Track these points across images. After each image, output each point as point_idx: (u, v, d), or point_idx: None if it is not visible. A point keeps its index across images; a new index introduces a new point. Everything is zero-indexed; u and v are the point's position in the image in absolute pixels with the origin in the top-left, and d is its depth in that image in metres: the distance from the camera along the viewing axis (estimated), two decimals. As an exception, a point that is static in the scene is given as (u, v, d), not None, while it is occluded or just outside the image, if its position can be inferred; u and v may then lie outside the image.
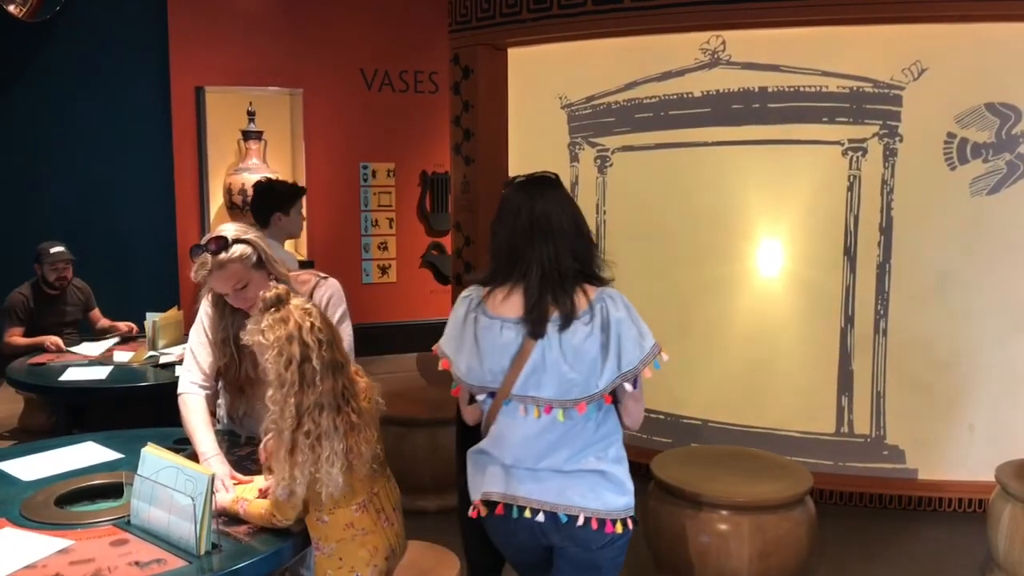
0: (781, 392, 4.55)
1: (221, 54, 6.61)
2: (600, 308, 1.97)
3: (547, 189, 2.09)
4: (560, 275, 1.99)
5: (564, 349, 1.95)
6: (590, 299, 1.98)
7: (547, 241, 2.00)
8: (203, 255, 2.29)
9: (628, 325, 1.96)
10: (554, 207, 2.04)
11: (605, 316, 1.96)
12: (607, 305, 1.97)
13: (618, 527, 2.05)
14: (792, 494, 3.24)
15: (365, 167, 7.21)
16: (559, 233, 2.02)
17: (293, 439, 1.84)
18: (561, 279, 1.99)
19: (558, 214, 2.03)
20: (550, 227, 2.01)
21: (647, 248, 4.84)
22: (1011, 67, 4.09)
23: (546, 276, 1.98)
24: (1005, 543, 3.31)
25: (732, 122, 4.50)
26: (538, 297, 1.98)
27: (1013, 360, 4.22)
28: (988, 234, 4.20)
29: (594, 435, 2.03)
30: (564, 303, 1.97)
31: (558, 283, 1.98)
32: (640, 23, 4.47)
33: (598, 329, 1.95)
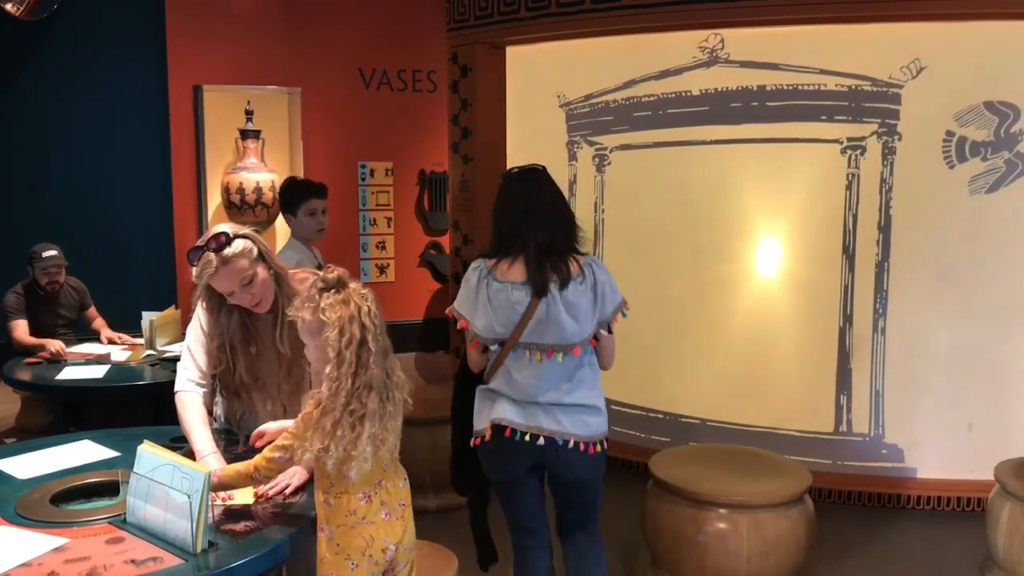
0: (780, 391, 4.54)
1: (219, 53, 6.60)
2: (589, 272, 2.52)
3: (539, 179, 2.63)
4: (554, 248, 2.51)
5: (565, 304, 2.48)
6: (580, 265, 2.52)
7: (541, 221, 2.53)
8: (206, 254, 2.29)
9: (608, 285, 2.55)
10: (545, 194, 2.59)
11: (593, 278, 2.52)
12: (594, 269, 2.54)
13: (597, 448, 2.60)
14: (791, 493, 3.24)
15: (363, 166, 7.20)
16: (550, 215, 2.55)
17: (340, 415, 1.90)
18: (556, 251, 2.51)
19: (548, 199, 2.58)
20: (543, 210, 2.55)
21: (645, 247, 4.83)
22: (1010, 65, 4.09)
23: (543, 249, 2.50)
24: (1004, 542, 3.30)
25: (730, 121, 4.50)
26: (538, 265, 2.48)
27: (1012, 358, 4.21)
28: (987, 232, 4.20)
29: (583, 373, 2.59)
30: (561, 269, 2.49)
31: (554, 254, 2.50)
32: (638, 21, 4.47)
33: (590, 288, 2.50)
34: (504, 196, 2.60)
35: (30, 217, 6.20)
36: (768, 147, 4.44)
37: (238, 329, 2.43)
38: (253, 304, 2.37)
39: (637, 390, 4.93)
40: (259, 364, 2.46)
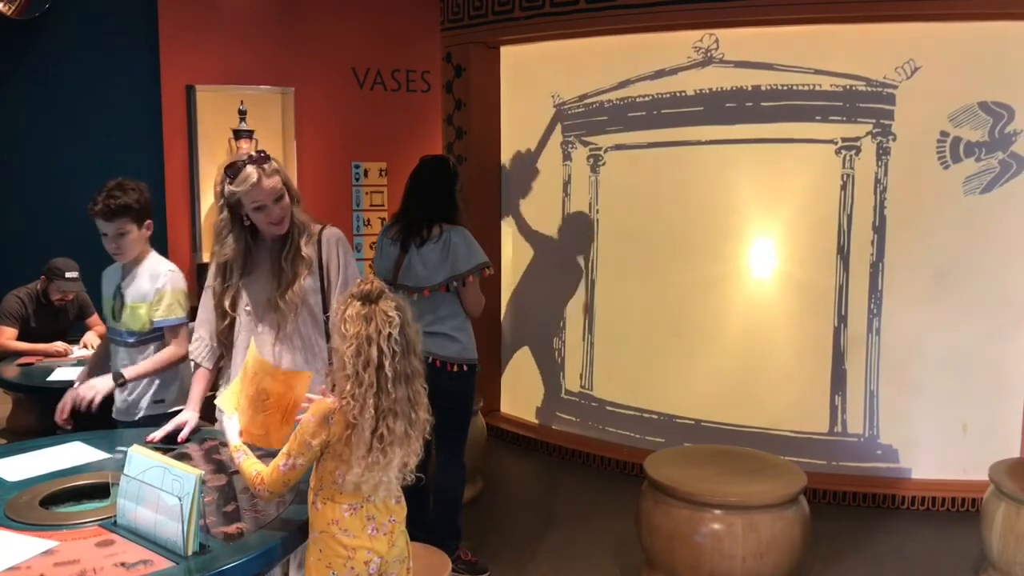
0: (774, 391, 4.54)
1: (212, 52, 6.56)
2: (446, 236, 3.35)
3: (435, 166, 3.53)
4: (422, 218, 3.39)
5: (421, 257, 3.37)
6: (441, 230, 3.36)
7: (418, 200, 3.44)
8: (246, 168, 2.49)
9: (462, 248, 3.34)
10: (432, 178, 3.47)
11: (448, 241, 3.34)
12: (451, 235, 3.34)
13: (454, 368, 3.40)
14: (786, 494, 3.23)
15: (357, 166, 7.17)
16: (426, 196, 3.43)
17: (370, 440, 1.90)
18: (422, 221, 3.39)
19: (433, 183, 3.45)
20: (424, 189, 3.45)
21: (640, 247, 4.83)
22: (1004, 66, 4.09)
23: (413, 219, 3.41)
24: (999, 542, 3.30)
25: (725, 121, 4.49)
26: (406, 229, 3.41)
27: (1006, 359, 4.21)
28: (981, 233, 4.20)
29: (443, 310, 3.40)
30: (422, 233, 3.37)
31: (421, 222, 3.39)
32: (632, 21, 4.47)
33: (441, 248, 3.34)
34: (410, 178, 3.51)
35: (20, 217, 6.16)
36: (763, 147, 4.44)
37: (240, 255, 2.63)
38: (280, 220, 2.56)
39: (632, 391, 4.92)
40: (252, 285, 2.64)
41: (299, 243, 2.60)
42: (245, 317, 2.66)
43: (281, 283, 2.59)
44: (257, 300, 2.64)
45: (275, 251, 2.63)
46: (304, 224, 2.65)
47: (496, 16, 5.01)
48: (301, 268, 2.59)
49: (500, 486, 4.66)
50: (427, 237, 3.35)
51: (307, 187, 6.86)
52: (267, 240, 2.65)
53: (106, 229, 2.89)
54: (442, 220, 3.38)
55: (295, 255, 2.59)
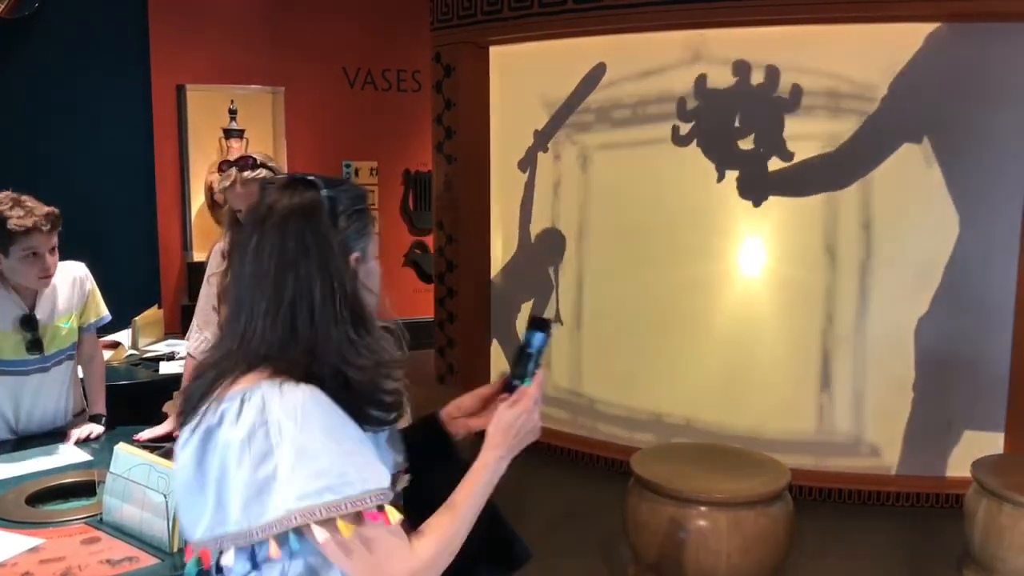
0: (761, 390, 4.56)
1: (202, 52, 6.57)
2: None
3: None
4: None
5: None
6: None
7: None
8: (231, 169, 2.58)
9: (240, 462, 1.15)
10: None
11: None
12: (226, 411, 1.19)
13: None
14: (771, 490, 3.25)
15: (348, 166, 7.19)
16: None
17: None
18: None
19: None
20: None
21: (629, 245, 4.85)
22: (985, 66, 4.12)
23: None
24: (980, 537, 3.33)
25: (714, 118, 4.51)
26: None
27: (991, 357, 4.25)
28: (967, 232, 4.23)
29: None
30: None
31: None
32: (620, 21, 4.48)
33: (196, 443, 1.20)
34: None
35: (11, 217, 6.14)
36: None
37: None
38: None
39: (619, 389, 4.94)
40: None
41: None
42: None
43: None
44: None
45: None
46: None
47: (485, 16, 5.03)
48: None
49: (489, 484, 4.68)
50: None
51: (298, 186, 6.87)
52: None
53: (44, 245, 2.46)
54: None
55: None
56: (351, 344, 1.24)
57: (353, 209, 1.30)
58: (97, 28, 6.35)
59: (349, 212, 1.29)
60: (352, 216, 1.30)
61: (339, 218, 1.27)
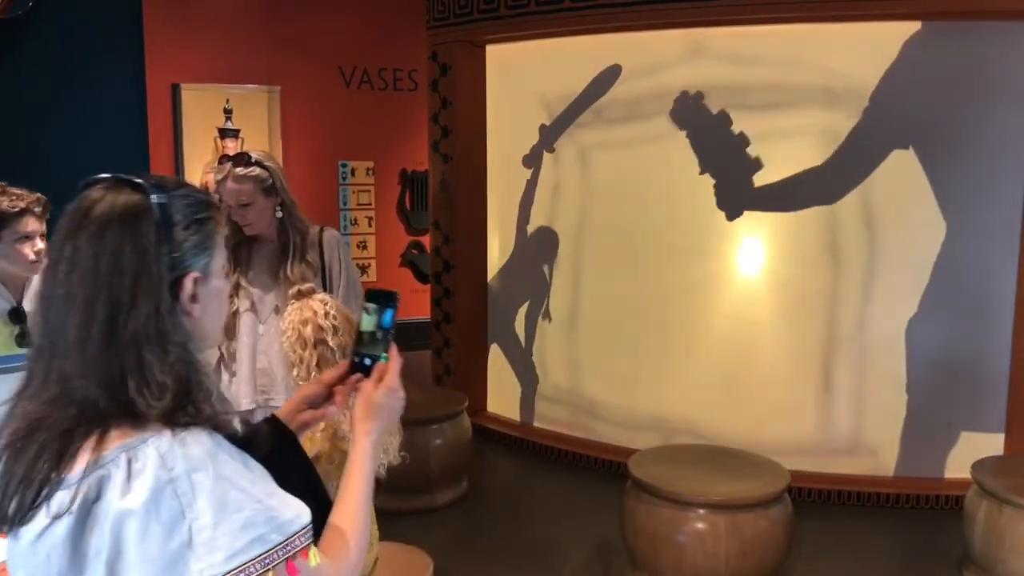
0: (760, 391, 4.54)
1: (198, 51, 6.54)
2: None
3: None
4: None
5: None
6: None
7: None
8: (226, 164, 2.59)
9: (144, 534, 0.97)
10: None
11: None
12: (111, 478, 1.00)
13: None
14: (770, 492, 3.23)
15: (344, 165, 7.16)
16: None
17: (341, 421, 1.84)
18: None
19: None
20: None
21: (627, 245, 4.82)
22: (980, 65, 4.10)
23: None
24: (981, 539, 3.31)
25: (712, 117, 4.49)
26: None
27: (990, 359, 4.22)
28: (968, 232, 4.21)
29: None
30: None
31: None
32: (617, 20, 4.46)
33: (67, 527, 0.99)
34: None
35: None
36: (752, 145, 4.43)
37: (238, 240, 2.64)
38: (244, 224, 2.61)
39: (617, 390, 4.91)
40: (254, 287, 2.67)
41: (303, 251, 2.65)
42: (248, 318, 2.67)
43: (284, 291, 2.59)
44: (262, 302, 2.67)
45: (274, 255, 2.67)
46: (304, 230, 2.68)
47: (481, 15, 5.00)
48: (308, 274, 2.64)
49: (485, 486, 4.65)
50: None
51: (294, 186, 6.78)
52: (262, 241, 2.68)
53: (36, 229, 2.52)
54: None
55: (299, 263, 2.63)
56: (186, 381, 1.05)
57: (192, 219, 1.10)
58: (92, 27, 6.32)
59: (186, 223, 1.09)
60: (190, 228, 1.10)
61: (173, 230, 1.07)
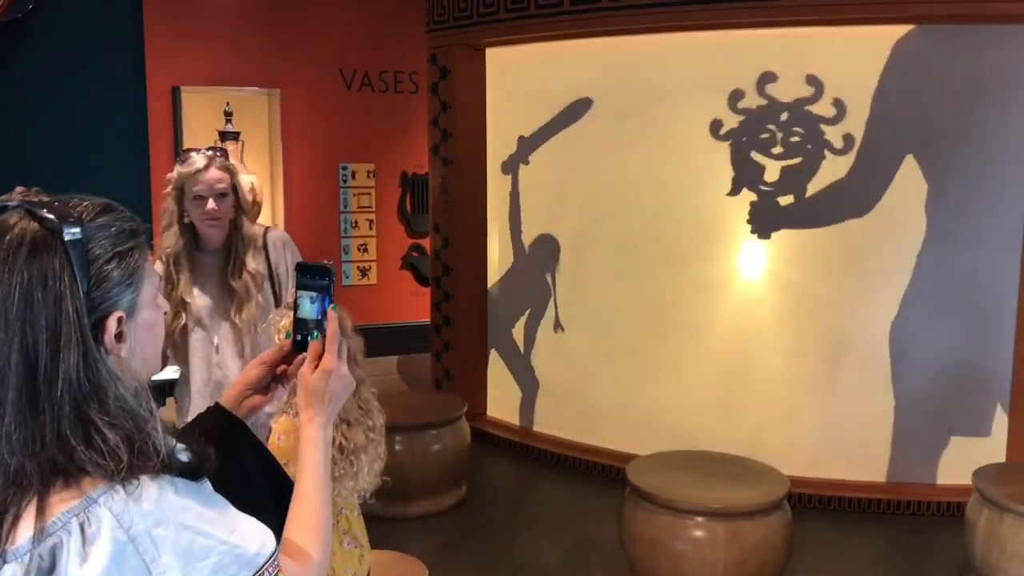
0: (761, 395, 4.52)
1: (198, 54, 6.53)
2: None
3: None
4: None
5: None
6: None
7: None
8: (194, 155, 2.54)
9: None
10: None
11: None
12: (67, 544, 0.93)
13: None
14: (769, 500, 3.21)
15: (344, 168, 7.14)
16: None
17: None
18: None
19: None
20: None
21: (627, 249, 4.81)
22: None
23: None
24: (982, 548, 3.29)
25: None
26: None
27: (992, 366, 4.20)
28: (967, 235, 4.19)
29: None
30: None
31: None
32: (616, 23, 4.44)
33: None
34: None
35: (5, 220, 6.11)
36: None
37: (183, 250, 2.58)
38: (215, 217, 2.53)
39: (617, 396, 4.90)
40: (203, 298, 2.59)
41: (244, 258, 2.57)
42: (199, 332, 2.60)
43: (234, 300, 2.56)
44: (212, 315, 2.60)
45: (221, 262, 2.59)
46: (249, 237, 2.61)
47: (481, 18, 4.98)
48: (251, 284, 2.57)
49: (484, 491, 4.64)
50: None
51: (294, 189, 6.83)
52: (209, 248, 2.60)
53: None
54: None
55: (241, 270, 2.56)
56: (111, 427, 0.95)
57: (114, 252, 0.99)
58: (92, 30, 6.32)
59: (107, 257, 0.98)
60: (112, 262, 0.98)
61: (91, 267, 0.96)
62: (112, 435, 0.94)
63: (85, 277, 0.95)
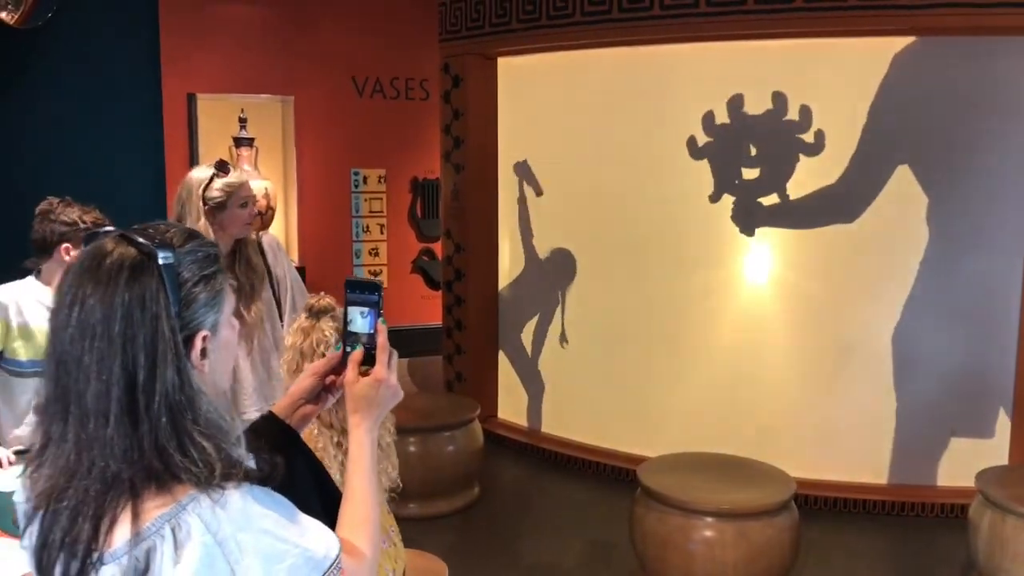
0: (767, 399, 4.58)
1: (213, 61, 6.63)
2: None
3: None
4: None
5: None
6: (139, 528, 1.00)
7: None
8: (229, 167, 2.69)
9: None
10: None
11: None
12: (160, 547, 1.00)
13: None
14: (776, 500, 3.29)
15: (356, 173, 7.24)
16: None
17: (336, 453, 1.89)
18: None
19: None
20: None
21: (635, 255, 4.86)
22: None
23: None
24: (985, 548, 3.36)
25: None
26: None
27: (995, 368, 4.27)
28: (968, 240, 4.26)
29: None
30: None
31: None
32: (627, 34, 4.51)
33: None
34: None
35: (23, 226, 6.20)
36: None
37: None
38: (248, 223, 2.63)
39: (626, 399, 4.96)
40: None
41: (248, 254, 2.63)
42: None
43: (241, 296, 2.56)
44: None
45: (227, 264, 2.65)
46: (250, 239, 2.69)
47: (493, 28, 5.07)
48: (256, 280, 2.62)
49: (496, 492, 4.72)
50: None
51: (307, 194, 6.92)
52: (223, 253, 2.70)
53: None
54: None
55: (247, 266, 2.62)
56: (200, 437, 1.03)
57: (200, 276, 1.07)
58: (109, 38, 6.42)
59: (195, 280, 1.07)
60: (199, 285, 1.07)
61: (181, 290, 1.04)
62: (206, 444, 1.02)
63: (177, 299, 1.03)
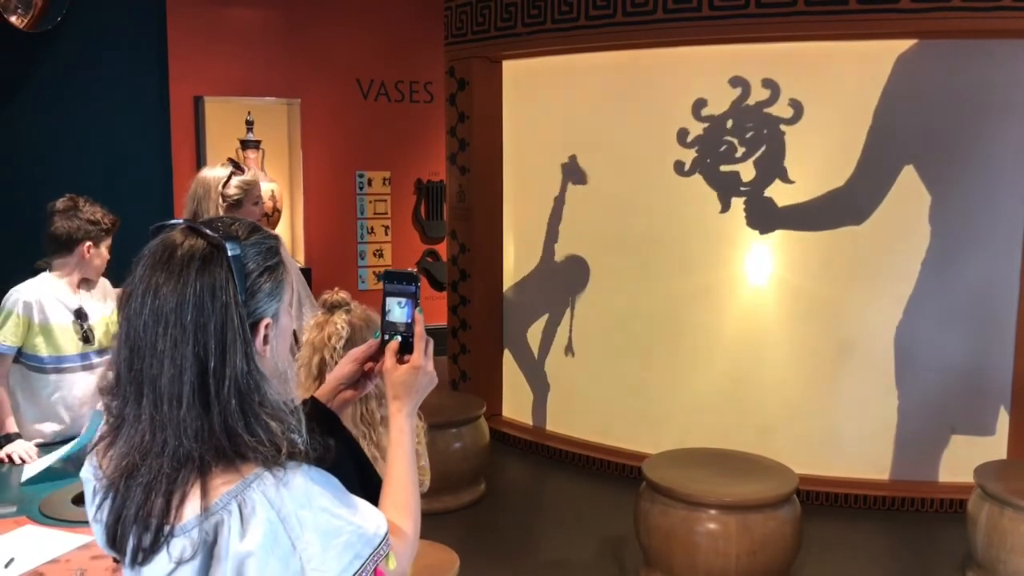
0: (769, 396, 4.64)
1: (220, 64, 6.70)
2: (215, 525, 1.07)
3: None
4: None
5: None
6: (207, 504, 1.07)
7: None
8: (236, 168, 2.97)
9: (263, 569, 1.06)
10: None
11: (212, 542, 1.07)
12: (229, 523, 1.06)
13: None
14: (778, 494, 3.35)
15: (361, 175, 7.30)
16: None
17: None
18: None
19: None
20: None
21: (637, 256, 4.93)
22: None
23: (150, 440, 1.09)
24: (983, 541, 3.42)
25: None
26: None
27: (993, 364, 4.34)
28: (969, 238, 4.32)
29: None
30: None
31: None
32: (632, 38, 4.57)
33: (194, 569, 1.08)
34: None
35: (30, 228, 6.26)
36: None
37: None
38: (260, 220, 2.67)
39: (631, 396, 5.03)
40: None
41: None
42: None
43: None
44: None
45: None
46: None
47: (498, 31, 5.13)
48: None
49: (502, 488, 4.78)
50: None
51: (312, 196, 6.98)
52: None
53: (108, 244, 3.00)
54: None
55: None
56: (267, 418, 1.09)
57: (264, 267, 1.13)
58: (116, 41, 6.48)
59: (259, 271, 1.12)
60: (263, 275, 1.13)
61: (247, 279, 1.10)
62: (272, 424, 1.08)
63: (243, 288, 1.09)
